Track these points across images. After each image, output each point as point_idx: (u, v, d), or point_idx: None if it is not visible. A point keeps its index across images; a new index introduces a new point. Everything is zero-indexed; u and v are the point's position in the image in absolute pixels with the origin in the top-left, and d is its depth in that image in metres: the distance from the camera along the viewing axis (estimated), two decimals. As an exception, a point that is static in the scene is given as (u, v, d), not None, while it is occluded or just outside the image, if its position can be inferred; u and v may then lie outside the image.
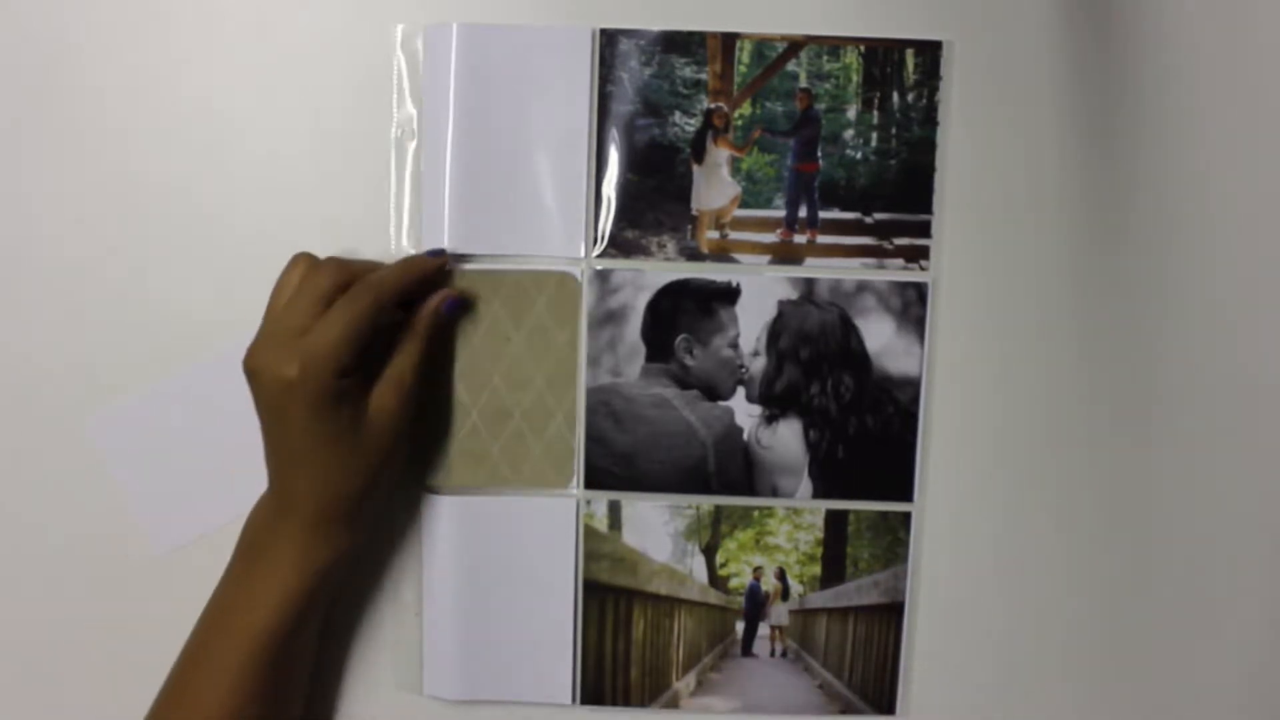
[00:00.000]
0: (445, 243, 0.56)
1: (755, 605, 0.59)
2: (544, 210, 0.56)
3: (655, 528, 0.58)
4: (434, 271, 0.55)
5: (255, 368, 0.50)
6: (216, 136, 0.57)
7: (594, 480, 0.58)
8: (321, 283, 0.51)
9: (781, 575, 0.59)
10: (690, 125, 0.57)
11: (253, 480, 0.52)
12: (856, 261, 0.57)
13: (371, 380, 0.52)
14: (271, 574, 0.51)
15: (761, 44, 0.56)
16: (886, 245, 0.57)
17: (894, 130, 0.56)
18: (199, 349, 0.57)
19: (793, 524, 0.58)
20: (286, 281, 0.52)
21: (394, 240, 0.57)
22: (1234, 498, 0.58)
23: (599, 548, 0.58)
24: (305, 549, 0.51)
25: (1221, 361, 0.57)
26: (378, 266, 0.54)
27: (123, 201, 0.57)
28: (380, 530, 0.58)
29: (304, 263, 0.52)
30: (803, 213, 0.57)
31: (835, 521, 0.58)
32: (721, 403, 0.57)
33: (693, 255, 0.57)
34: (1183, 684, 0.59)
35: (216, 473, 0.58)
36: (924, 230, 0.57)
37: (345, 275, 0.51)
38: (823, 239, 0.57)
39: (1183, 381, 0.58)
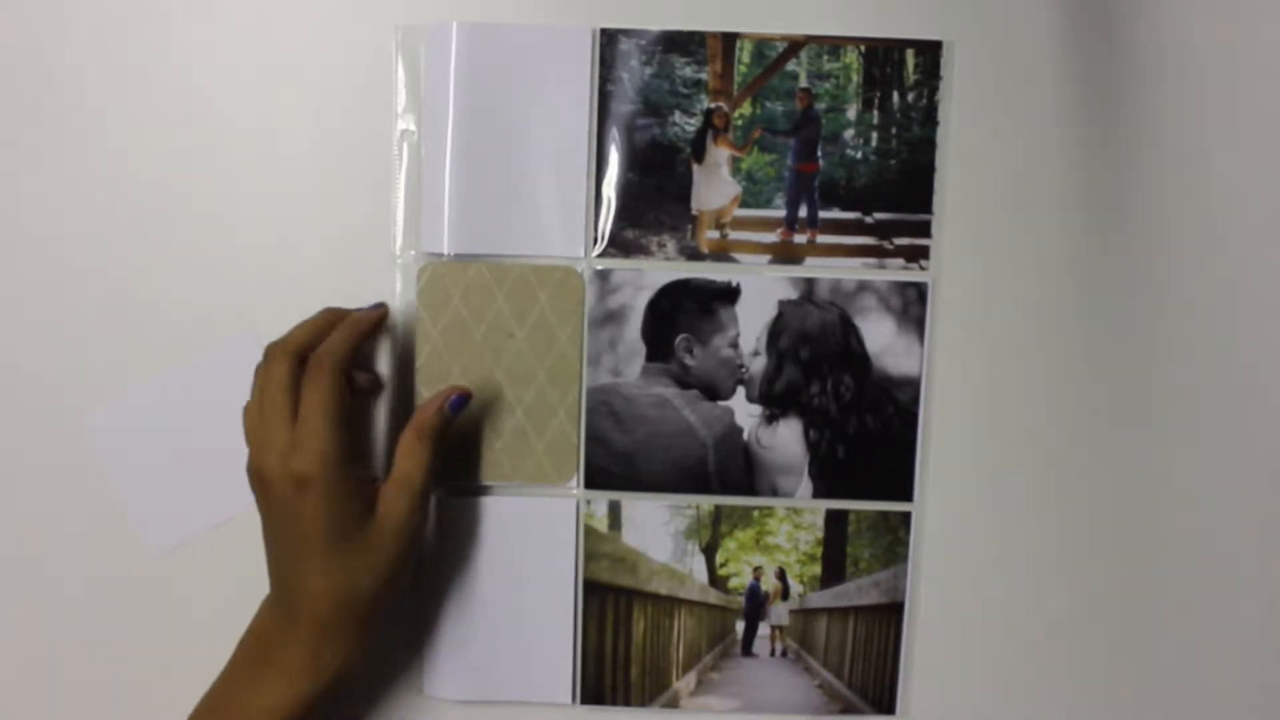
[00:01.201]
0: (445, 243, 0.56)
1: (755, 605, 0.59)
2: (544, 210, 0.56)
3: (655, 527, 0.58)
4: (379, 322, 0.55)
5: (263, 474, 0.49)
6: (216, 137, 0.57)
7: (594, 480, 0.58)
8: (280, 373, 0.51)
9: (781, 575, 0.59)
10: (690, 125, 0.57)
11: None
12: (856, 261, 0.57)
13: (381, 479, 0.52)
14: (280, 678, 0.49)
15: (762, 44, 0.56)
16: (886, 245, 0.57)
17: (894, 130, 0.56)
18: (199, 349, 0.57)
19: (793, 524, 0.58)
20: (256, 384, 0.52)
21: (393, 240, 0.57)
22: (1235, 497, 0.58)
23: (599, 548, 0.58)
24: (316, 653, 0.50)
25: (1222, 360, 0.57)
26: (329, 329, 0.53)
27: (122, 201, 0.57)
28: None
29: (262, 361, 0.52)
30: (803, 212, 0.57)
31: (835, 521, 0.58)
32: (721, 402, 0.57)
33: (693, 255, 0.57)
34: (1183, 683, 0.59)
35: (214, 471, 0.58)
36: (924, 230, 0.57)
37: (295, 356, 0.51)
38: (823, 239, 0.57)
39: (1183, 380, 0.58)
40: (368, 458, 0.57)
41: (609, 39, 0.56)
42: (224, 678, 0.51)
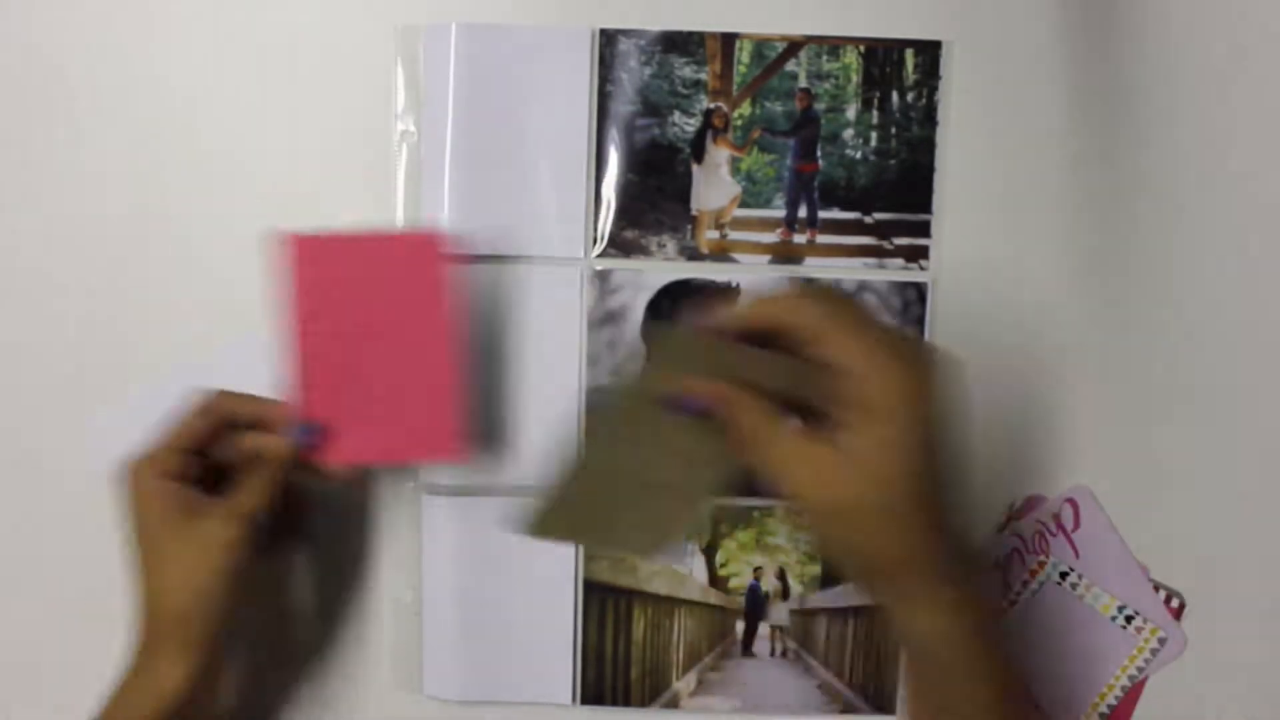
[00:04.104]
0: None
1: (755, 605, 0.59)
2: (544, 210, 0.56)
3: (655, 528, 0.58)
4: (271, 412, 0.52)
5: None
6: (216, 137, 0.57)
7: (594, 480, 0.58)
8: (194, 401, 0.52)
9: (782, 575, 0.59)
10: (690, 125, 0.57)
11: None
12: (857, 261, 0.57)
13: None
14: (127, 692, 0.50)
15: (761, 44, 0.56)
16: (886, 245, 0.57)
17: (893, 130, 0.56)
18: (198, 350, 0.57)
19: (793, 524, 0.58)
20: None
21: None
22: (1235, 497, 0.58)
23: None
24: (141, 668, 0.50)
25: (1222, 360, 0.57)
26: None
27: (122, 202, 0.57)
28: (380, 530, 0.58)
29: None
30: (802, 213, 0.57)
31: (835, 521, 0.58)
32: (721, 403, 0.57)
33: (692, 255, 0.57)
34: (1181, 683, 0.59)
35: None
36: (924, 230, 0.57)
37: (213, 398, 0.52)
38: (822, 239, 0.57)
39: (1183, 380, 0.57)
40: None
41: (608, 39, 0.56)
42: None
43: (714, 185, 0.57)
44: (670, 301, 0.57)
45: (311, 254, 0.52)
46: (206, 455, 0.52)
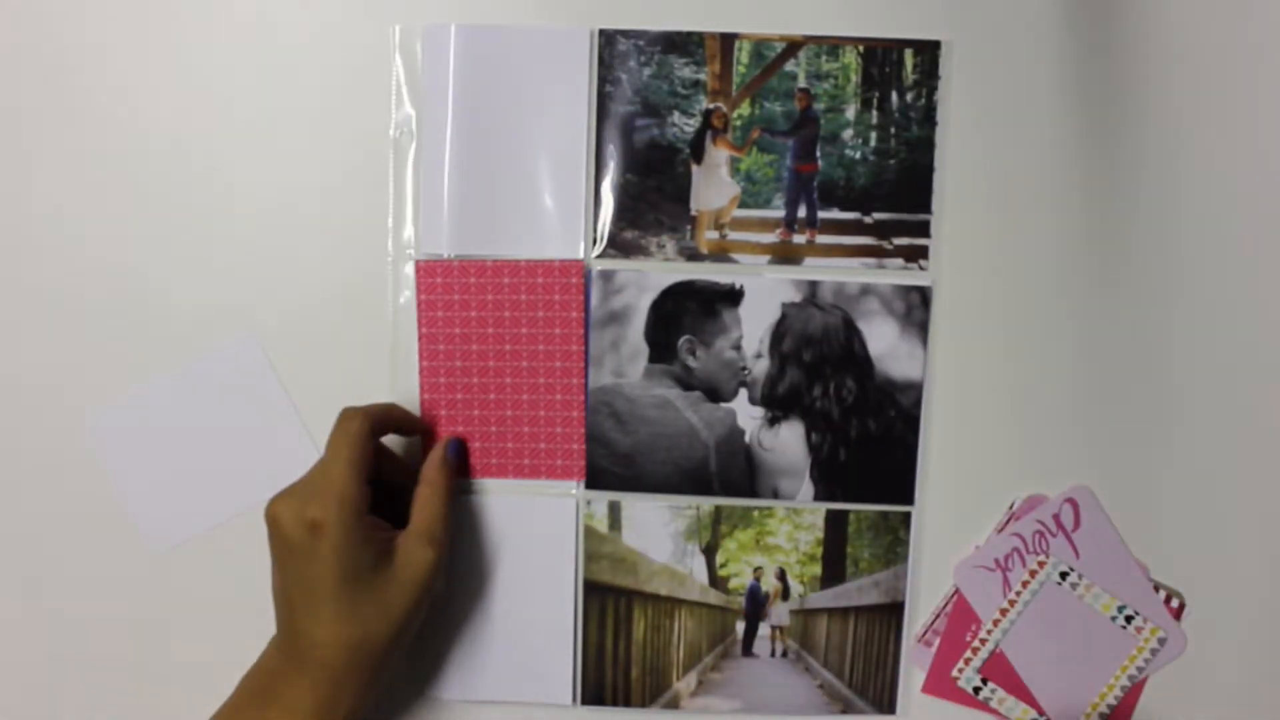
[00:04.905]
0: (445, 243, 0.56)
1: (756, 605, 0.59)
2: (543, 210, 0.56)
3: (655, 528, 0.58)
4: (420, 426, 0.57)
5: (277, 517, 0.49)
6: (216, 138, 0.57)
7: (595, 480, 0.58)
8: (342, 426, 0.51)
9: (782, 575, 0.59)
10: (689, 125, 0.57)
11: (249, 478, 0.52)
12: (856, 261, 0.57)
13: (398, 529, 0.52)
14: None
15: (760, 44, 0.56)
16: (886, 245, 0.57)
17: (893, 130, 0.56)
18: (198, 349, 0.58)
19: (793, 524, 0.58)
20: None
21: (392, 241, 0.57)
22: (1236, 497, 0.58)
23: (599, 548, 0.58)
24: (323, 699, 0.48)
25: (1222, 361, 0.57)
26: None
27: (122, 202, 0.57)
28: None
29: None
30: (802, 213, 0.57)
31: (835, 521, 0.58)
32: (724, 404, 0.57)
33: (692, 255, 0.57)
34: (1181, 683, 0.59)
35: (214, 471, 0.58)
36: (923, 230, 0.57)
37: (365, 418, 0.52)
38: (822, 239, 0.57)
39: (1184, 382, 0.57)
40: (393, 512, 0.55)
41: (608, 40, 0.56)
42: (227, 712, 0.49)
43: (713, 185, 0.57)
44: (674, 302, 0.57)
45: (442, 277, 0.55)
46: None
